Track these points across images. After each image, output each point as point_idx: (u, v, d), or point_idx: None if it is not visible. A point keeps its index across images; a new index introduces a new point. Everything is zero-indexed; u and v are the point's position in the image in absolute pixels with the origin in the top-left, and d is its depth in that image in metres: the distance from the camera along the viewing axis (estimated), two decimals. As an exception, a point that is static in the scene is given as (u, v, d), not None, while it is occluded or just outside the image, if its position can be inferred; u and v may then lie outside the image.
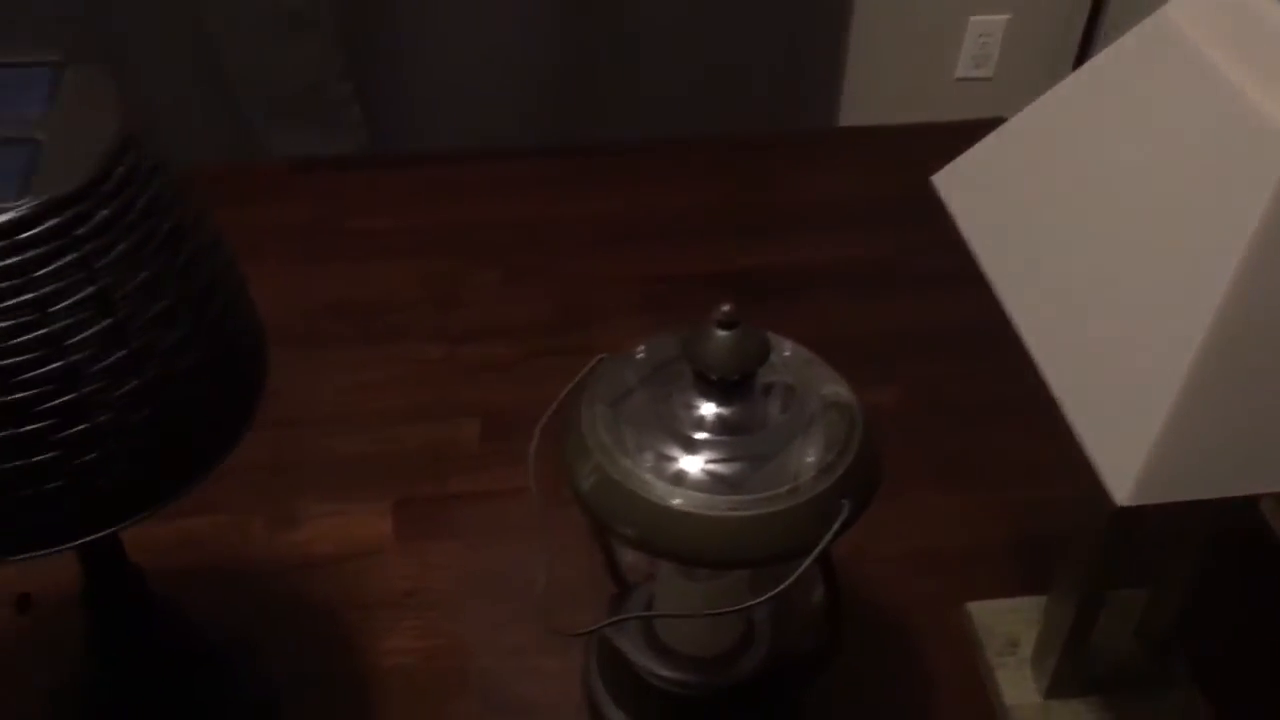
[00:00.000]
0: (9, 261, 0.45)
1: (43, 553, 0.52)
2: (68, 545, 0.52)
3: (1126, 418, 0.47)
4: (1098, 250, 0.52)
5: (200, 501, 0.56)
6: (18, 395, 0.47)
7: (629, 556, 0.74)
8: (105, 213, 0.47)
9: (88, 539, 0.52)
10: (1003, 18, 2.31)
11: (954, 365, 1.02)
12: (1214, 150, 0.48)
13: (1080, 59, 2.33)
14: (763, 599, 0.61)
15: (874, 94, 2.22)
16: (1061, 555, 0.72)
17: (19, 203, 0.45)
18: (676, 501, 0.59)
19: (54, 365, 0.47)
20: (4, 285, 0.45)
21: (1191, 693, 0.77)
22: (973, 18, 2.31)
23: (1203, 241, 0.46)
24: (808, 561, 0.58)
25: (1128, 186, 0.52)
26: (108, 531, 0.52)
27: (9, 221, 0.45)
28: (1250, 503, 0.70)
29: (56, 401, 0.48)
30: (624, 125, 1.97)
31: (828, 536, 0.59)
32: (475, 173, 1.24)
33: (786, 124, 2.05)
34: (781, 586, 0.60)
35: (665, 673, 0.72)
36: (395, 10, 1.73)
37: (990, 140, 0.61)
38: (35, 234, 0.45)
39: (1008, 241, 0.58)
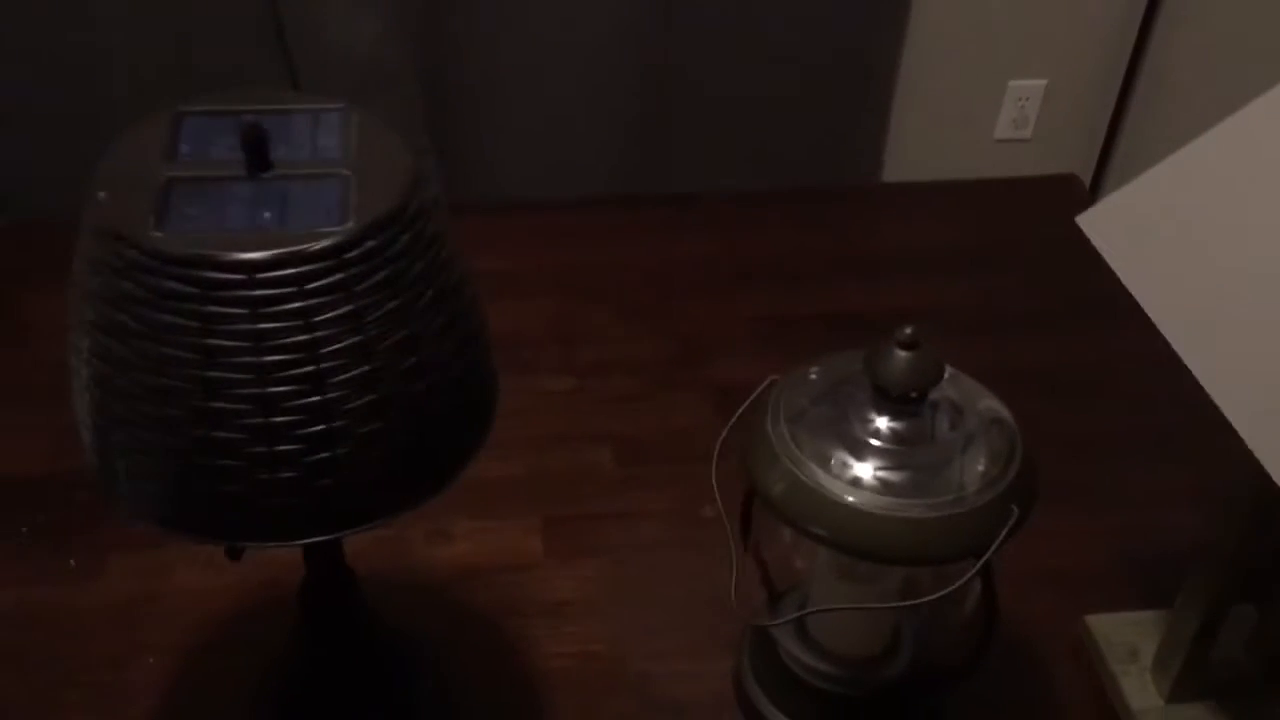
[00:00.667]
0: (333, 279, 0.52)
1: (278, 544, 0.59)
2: (298, 541, 0.58)
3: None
4: (1258, 274, 0.59)
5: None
6: (275, 389, 0.53)
7: (793, 561, 0.80)
8: (406, 237, 0.55)
9: (309, 540, 0.57)
10: (1041, 82, 2.41)
11: (1055, 399, 1.09)
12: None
13: (1115, 121, 2.43)
14: (933, 597, 0.68)
15: (917, 154, 2.32)
16: (1194, 564, 0.78)
17: (343, 229, 0.53)
18: (863, 504, 0.65)
19: (308, 368, 0.53)
20: (327, 299, 0.53)
21: (1303, 699, 0.82)
22: (1011, 82, 2.41)
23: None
24: (985, 558, 0.65)
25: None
26: (327, 537, 0.57)
27: (333, 245, 0.52)
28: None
29: (305, 400, 0.54)
30: (686, 176, 2.06)
31: (1001, 536, 0.65)
32: (568, 219, 1.32)
33: (833, 179, 2.15)
34: (954, 586, 0.67)
35: (820, 668, 0.78)
36: (470, 62, 1.83)
37: (1142, 180, 0.68)
38: (359, 253, 0.52)
39: (1161, 270, 0.65)
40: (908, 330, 0.66)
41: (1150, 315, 0.64)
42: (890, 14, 2.14)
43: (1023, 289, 1.24)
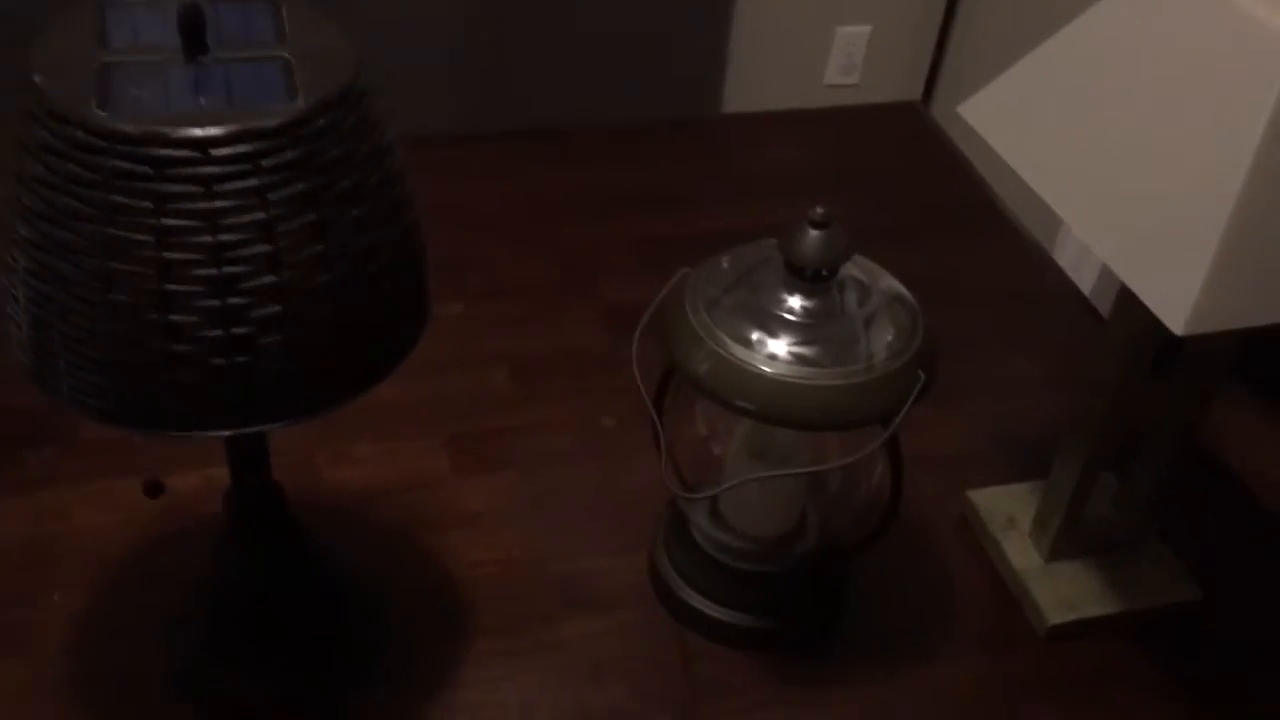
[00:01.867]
0: (287, 156, 0.53)
1: (225, 432, 0.58)
2: (252, 428, 0.57)
3: (1177, 264, 0.60)
4: (1131, 139, 0.65)
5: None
6: (230, 269, 0.53)
7: (707, 448, 0.83)
8: (354, 117, 0.55)
9: (263, 427, 0.57)
10: (866, 28, 2.52)
11: (921, 302, 1.15)
12: (1222, 50, 0.62)
13: (935, 65, 2.56)
14: (848, 461, 0.73)
15: (753, 103, 2.40)
16: (1068, 435, 0.85)
17: (293, 106, 0.53)
18: (782, 375, 0.69)
19: (263, 248, 0.53)
20: (281, 176, 0.53)
21: (1162, 548, 0.91)
22: (839, 28, 2.51)
23: (1228, 118, 0.60)
24: (898, 419, 0.70)
25: (1151, 87, 0.65)
26: (278, 424, 0.58)
27: (286, 123, 0.53)
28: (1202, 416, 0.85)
29: (258, 282, 0.54)
30: (541, 109, 2.10)
31: (911, 399, 0.70)
32: (442, 154, 1.32)
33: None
34: (871, 449, 0.71)
35: (734, 544, 0.82)
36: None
37: (1014, 71, 0.74)
38: (312, 131, 0.53)
39: (1042, 149, 0.71)
40: (819, 210, 0.70)
41: (1026, 179, 0.70)
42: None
43: (880, 204, 1.31)
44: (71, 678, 0.78)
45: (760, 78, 2.46)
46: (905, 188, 1.37)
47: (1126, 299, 0.76)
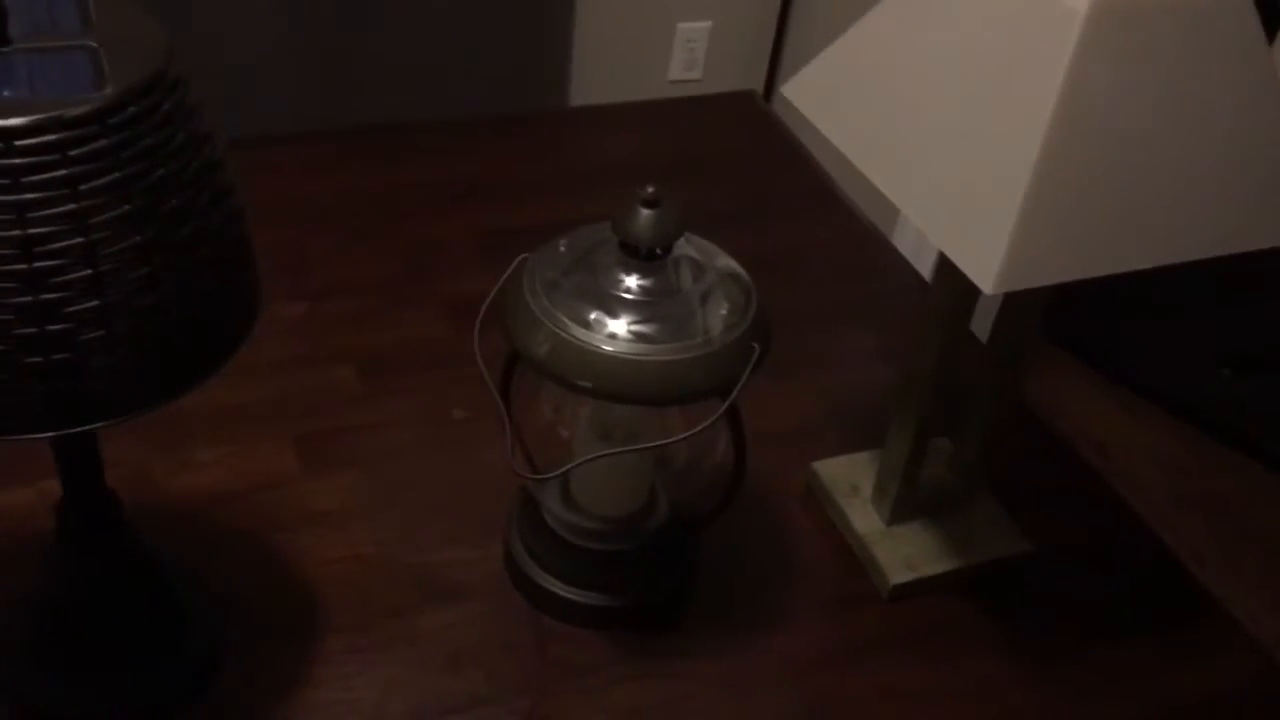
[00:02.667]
0: (98, 145, 0.52)
1: (48, 434, 0.56)
2: (74, 429, 0.55)
3: (984, 225, 0.63)
4: (940, 110, 0.68)
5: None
6: (42, 264, 0.52)
7: (555, 432, 0.84)
8: (167, 105, 0.54)
9: (86, 427, 0.56)
10: (706, 24, 2.56)
11: (760, 283, 1.18)
12: (1018, 23, 0.65)
13: (775, 58, 2.62)
14: (689, 433, 0.74)
15: (598, 98, 2.42)
16: (899, 402, 0.89)
17: (101, 94, 0.52)
18: (621, 352, 0.71)
19: (77, 240, 0.52)
20: (92, 166, 0.52)
21: (995, 506, 0.96)
22: (680, 24, 2.55)
23: (1026, 88, 0.64)
24: (736, 390, 0.72)
25: (957, 61, 0.68)
26: (104, 423, 0.56)
27: (94, 111, 0.51)
28: (1019, 378, 0.90)
29: (74, 275, 0.52)
30: (382, 106, 2.07)
31: (747, 370, 0.72)
32: (277, 154, 1.29)
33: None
34: (710, 421, 0.73)
35: (585, 525, 0.83)
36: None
37: (831, 50, 0.77)
38: (122, 119, 0.52)
39: (857, 122, 0.73)
40: (649, 189, 0.71)
41: (844, 151, 0.73)
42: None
43: (720, 191, 1.34)
44: (-104, 706, 0.75)
45: (604, 75, 2.48)
46: (745, 174, 1.40)
47: (946, 265, 0.80)
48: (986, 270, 0.63)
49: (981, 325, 0.90)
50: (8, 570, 0.82)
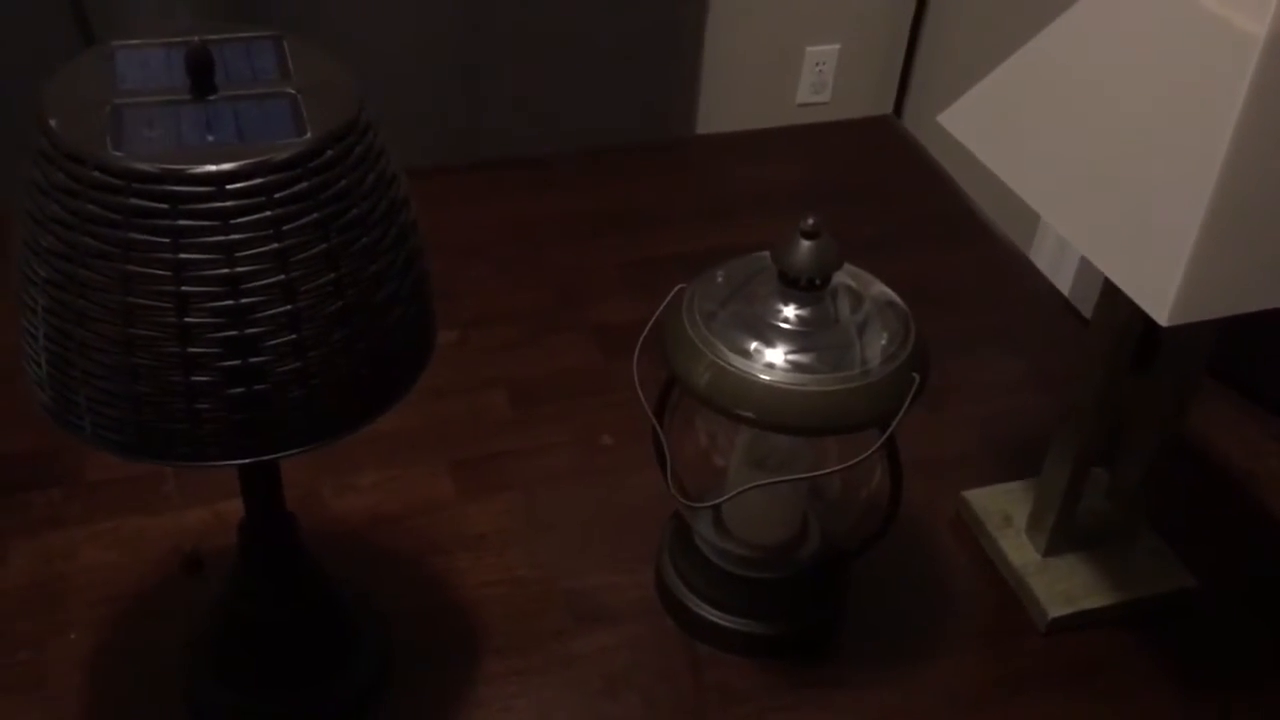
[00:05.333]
0: (299, 187, 0.54)
1: (243, 460, 0.58)
2: (273, 455, 0.58)
3: (1159, 256, 0.62)
4: (1108, 140, 0.67)
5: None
6: (247, 300, 0.55)
7: (709, 460, 0.85)
8: (360, 148, 0.57)
9: (285, 454, 0.59)
10: (835, 47, 2.55)
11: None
12: (1192, 49, 0.64)
13: (904, 79, 2.60)
14: (847, 465, 0.74)
15: (727, 124, 2.43)
16: (1057, 432, 0.87)
17: (302, 139, 0.55)
18: (781, 382, 0.71)
19: (278, 278, 0.55)
20: (294, 207, 0.55)
21: (1156, 539, 0.93)
22: (809, 47, 2.55)
23: (1200, 117, 0.63)
24: (895, 420, 0.72)
25: (1125, 89, 0.68)
26: (302, 449, 0.59)
27: (297, 155, 0.54)
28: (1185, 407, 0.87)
29: (275, 310, 0.55)
30: (518, 139, 2.12)
31: (907, 401, 0.72)
32: (427, 185, 1.33)
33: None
34: (870, 452, 0.73)
35: (739, 553, 0.84)
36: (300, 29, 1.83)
37: (990, 80, 0.76)
38: (321, 162, 0.55)
39: (1022, 153, 0.73)
40: (810, 221, 0.72)
41: (1008, 182, 0.72)
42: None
43: (859, 217, 1.34)
44: (84, 714, 0.79)
45: (732, 100, 2.48)
46: (883, 199, 1.39)
47: (1110, 295, 0.79)
48: (1161, 302, 0.62)
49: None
50: (192, 587, 0.87)
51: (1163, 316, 0.62)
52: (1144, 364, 0.83)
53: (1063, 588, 0.89)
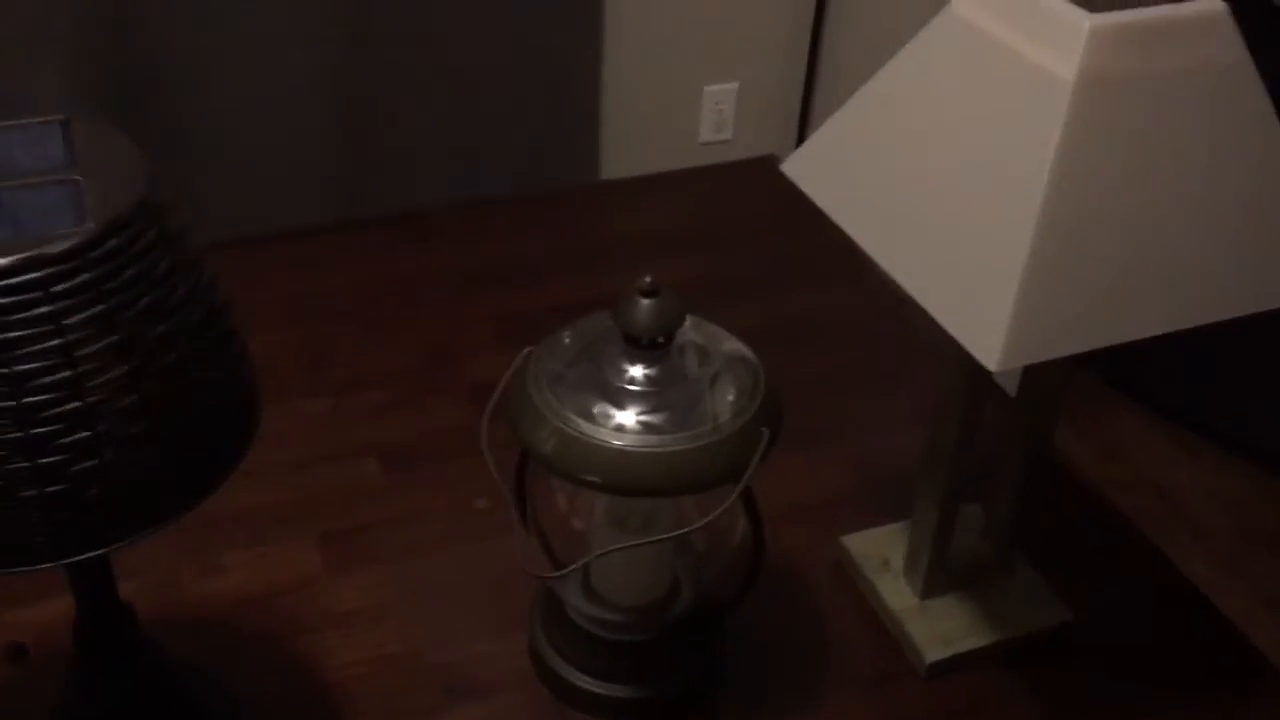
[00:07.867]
0: (80, 279, 0.52)
1: (44, 565, 0.55)
2: (73, 558, 0.55)
3: (985, 303, 0.62)
4: (937, 186, 0.67)
5: (123, 566, 0.65)
6: (30, 399, 0.52)
7: (570, 524, 0.83)
8: (151, 233, 0.55)
9: (85, 555, 0.56)
10: (733, 85, 2.57)
11: (781, 351, 1.17)
12: (1012, 93, 0.64)
13: (804, 117, 2.62)
14: (702, 523, 0.73)
15: (628, 167, 2.43)
16: (920, 474, 0.87)
17: (83, 228, 0.52)
18: (628, 445, 0.70)
19: (64, 374, 0.52)
20: (75, 300, 0.52)
21: (1032, 574, 0.93)
22: (707, 87, 2.57)
23: (1020, 160, 0.62)
24: (746, 477, 0.70)
25: (952, 135, 0.67)
26: (102, 550, 0.56)
27: (76, 246, 0.52)
28: (1049, 437, 0.87)
29: (63, 409, 0.53)
30: (412, 192, 2.10)
31: (756, 456, 0.71)
32: (294, 249, 1.31)
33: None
34: (721, 509, 0.72)
35: (608, 618, 0.82)
36: (169, 102, 1.81)
37: (825, 128, 0.76)
38: (104, 251, 0.52)
39: (856, 198, 0.73)
40: (647, 279, 0.71)
41: (844, 228, 0.72)
42: (586, 29, 2.24)
43: (744, 259, 1.34)
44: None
45: (635, 142, 2.49)
46: (769, 240, 1.39)
47: (959, 336, 0.78)
48: (991, 347, 0.61)
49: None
50: (22, 694, 0.83)
51: (992, 362, 0.61)
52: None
53: (941, 630, 0.88)
